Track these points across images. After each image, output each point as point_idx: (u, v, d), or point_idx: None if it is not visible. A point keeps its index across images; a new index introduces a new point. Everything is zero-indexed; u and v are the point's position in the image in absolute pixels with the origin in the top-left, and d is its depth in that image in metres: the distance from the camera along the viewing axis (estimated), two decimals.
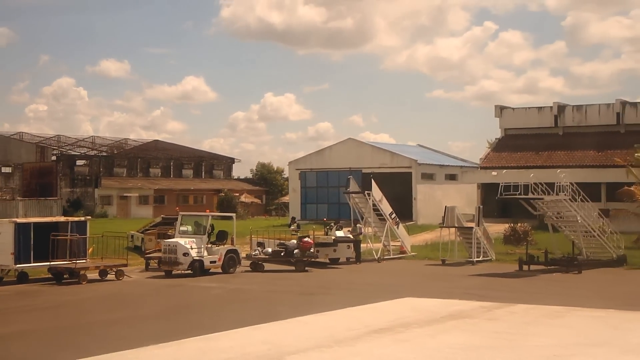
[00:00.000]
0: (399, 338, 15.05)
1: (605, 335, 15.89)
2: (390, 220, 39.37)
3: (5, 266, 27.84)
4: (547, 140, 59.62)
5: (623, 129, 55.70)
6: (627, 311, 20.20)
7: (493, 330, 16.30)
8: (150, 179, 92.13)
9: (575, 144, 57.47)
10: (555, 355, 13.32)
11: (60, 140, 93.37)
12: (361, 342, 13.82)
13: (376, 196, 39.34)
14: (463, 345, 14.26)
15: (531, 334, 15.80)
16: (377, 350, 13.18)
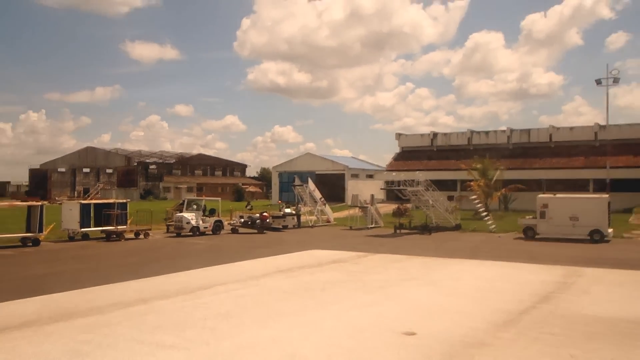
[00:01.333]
0: (290, 275, 17.65)
1: (420, 273, 18.48)
2: (319, 202, 43.17)
3: (74, 230, 29.81)
4: (426, 154, 64.83)
5: (472, 147, 61.49)
6: (443, 258, 22.77)
7: (352, 270, 19.00)
8: (194, 177, 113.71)
9: (442, 157, 62.52)
10: (380, 286, 15.80)
11: (141, 153, 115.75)
12: (265, 278, 16.95)
13: (311, 187, 43.14)
14: (326, 279, 16.75)
15: (374, 273, 18.41)
16: (271, 283, 16.24)
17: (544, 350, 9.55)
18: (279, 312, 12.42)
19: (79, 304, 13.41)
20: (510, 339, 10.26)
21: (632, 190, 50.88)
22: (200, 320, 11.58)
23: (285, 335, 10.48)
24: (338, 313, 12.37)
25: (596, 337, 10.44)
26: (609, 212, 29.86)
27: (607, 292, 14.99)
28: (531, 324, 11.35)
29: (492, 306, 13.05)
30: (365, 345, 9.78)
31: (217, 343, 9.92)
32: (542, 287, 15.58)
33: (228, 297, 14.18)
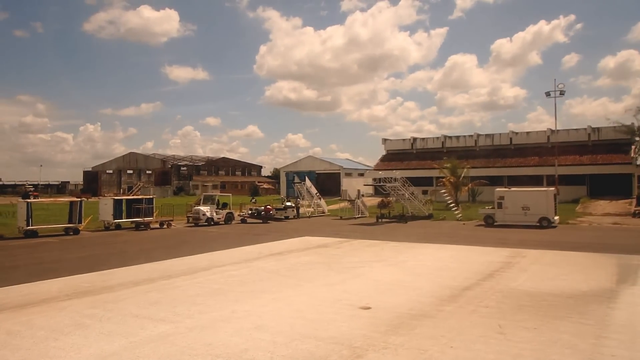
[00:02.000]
0: (279, 258, 17.11)
1: (389, 255, 17.90)
2: (315, 197, 42.85)
3: (108, 221, 29.61)
4: (407, 156, 63.94)
5: (445, 150, 60.43)
6: (412, 242, 22.17)
7: (332, 253, 18.41)
8: (218, 176, 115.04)
9: (421, 158, 61.52)
10: (352, 266, 15.25)
11: (174, 157, 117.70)
12: (257, 260, 16.52)
13: (308, 184, 42.95)
14: (309, 261, 16.33)
15: (351, 255, 17.81)
16: (262, 264, 15.76)
17: (477, 321, 9.22)
18: (260, 289, 12.13)
19: (95, 283, 13.19)
20: (450, 312, 9.92)
21: (578, 184, 50.27)
22: (192, 297, 11.33)
23: (259, 309, 10.17)
24: (310, 290, 12.07)
25: (525, 309, 10.09)
26: (555, 203, 29.38)
27: (542, 271, 14.58)
28: (471, 299, 11.00)
29: (442, 283, 12.70)
30: (325, 317, 9.47)
31: (200, 316, 9.64)
32: (488, 267, 15.19)
33: (222, 277, 13.89)
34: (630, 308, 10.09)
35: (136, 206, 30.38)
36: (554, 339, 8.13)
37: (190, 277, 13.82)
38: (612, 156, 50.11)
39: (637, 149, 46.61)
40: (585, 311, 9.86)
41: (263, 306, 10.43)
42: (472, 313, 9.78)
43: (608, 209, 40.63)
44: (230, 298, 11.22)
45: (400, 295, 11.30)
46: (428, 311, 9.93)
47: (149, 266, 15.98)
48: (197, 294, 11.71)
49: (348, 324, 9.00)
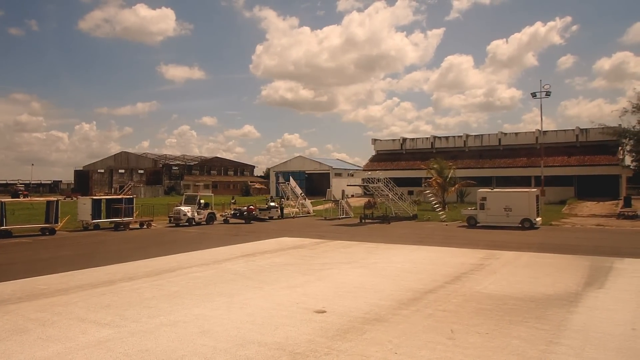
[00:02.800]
0: (249, 259, 16.72)
1: (361, 257, 17.49)
2: (300, 197, 42.23)
3: (87, 221, 29.06)
4: (396, 156, 63.26)
5: (434, 150, 59.69)
6: (389, 243, 21.68)
7: (305, 255, 17.96)
8: (210, 176, 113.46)
9: (410, 158, 60.69)
10: (320, 268, 14.94)
11: (166, 157, 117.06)
12: (226, 262, 16.15)
13: (292, 184, 42.29)
14: (278, 263, 15.97)
15: (322, 257, 17.41)
16: (230, 266, 15.37)
17: (431, 325, 9.00)
18: (219, 292, 11.85)
19: (52, 285, 12.87)
20: (406, 315, 9.69)
21: (566, 185, 50.28)
22: (147, 300, 11.04)
23: (211, 313, 9.91)
24: (269, 293, 11.79)
25: (483, 313, 9.89)
26: (537, 204, 29.24)
27: (512, 273, 14.38)
28: (432, 302, 10.77)
29: (406, 286, 12.46)
30: (275, 322, 9.22)
31: (147, 320, 9.36)
32: (459, 269, 14.98)
33: (184, 279, 13.58)
34: (589, 312, 9.90)
35: (115, 206, 30.01)
36: (503, 344, 7.92)
37: (152, 279, 13.51)
38: (599, 157, 50.12)
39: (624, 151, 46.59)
40: (543, 315, 9.66)
41: (215, 310, 10.16)
42: (428, 317, 9.55)
43: (594, 210, 40.57)
44: (185, 301, 10.93)
45: (360, 299, 11.05)
46: (383, 315, 9.69)
47: (114, 267, 15.64)
48: (153, 296, 11.42)
49: (297, 329, 8.75)
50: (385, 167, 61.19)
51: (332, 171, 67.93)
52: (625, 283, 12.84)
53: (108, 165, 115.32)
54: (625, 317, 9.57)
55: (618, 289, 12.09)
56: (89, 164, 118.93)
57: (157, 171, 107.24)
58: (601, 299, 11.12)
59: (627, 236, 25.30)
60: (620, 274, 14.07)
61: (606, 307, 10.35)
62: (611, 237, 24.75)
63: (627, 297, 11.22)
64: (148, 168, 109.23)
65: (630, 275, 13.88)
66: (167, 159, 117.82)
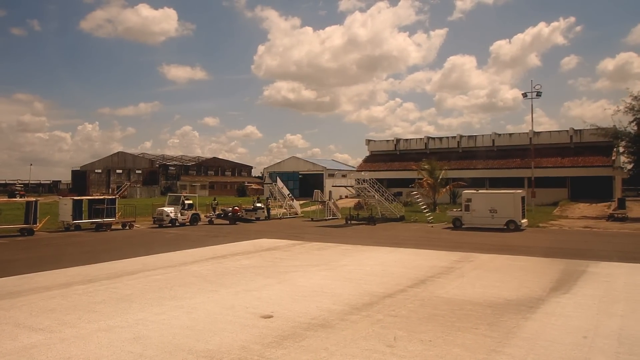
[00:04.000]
0: (217, 261, 16.39)
1: (332, 259, 17.06)
2: (287, 198, 41.53)
3: (67, 221, 28.74)
4: (390, 157, 62.34)
5: (428, 151, 59.01)
6: (367, 245, 21.25)
7: (276, 257, 17.51)
8: (207, 176, 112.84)
9: (404, 159, 59.54)
10: (285, 271, 14.54)
11: (164, 157, 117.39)
12: (193, 264, 15.84)
13: (279, 185, 41.51)
14: (246, 265, 15.62)
15: (293, 259, 16.99)
16: (194, 268, 15.02)
17: (375, 332, 8.69)
18: (172, 296, 11.55)
19: (5, 287, 12.61)
20: (354, 321, 9.38)
21: (559, 186, 49.87)
22: (94, 304, 10.75)
23: (153, 317, 9.62)
24: (223, 296, 11.49)
25: (435, 318, 9.57)
26: (522, 205, 28.88)
27: (480, 277, 14.05)
28: (386, 307, 10.46)
29: (367, 290, 12.15)
30: (215, 327, 8.92)
31: (84, 326, 9.08)
32: (428, 272, 14.66)
33: (143, 282, 13.28)
34: (545, 319, 9.58)
35: (97, 207, 29.69)
36: (443, 353, 7.61)
37: (109, 282, 13.23)
38: (593, 158, 49.67)
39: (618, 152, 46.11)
40: (496, 322, 9.35)
41: (160, 314, 9.87)
42: (375, 323, 9.25)
43: (586, 212, 40.19)
44: (133, 305, 10.64)
45: (313, 303, 10.75)
46: (331, 320, 9.39)
47: (77, 270, 15.35)
48: (102, 300, 11.14)
49: (235, 335, 8.46)
50: (379, 167, 60.94)
51: (326, 172, 67.50)
52: (593, 288, 12.50)
53: (105, 165, 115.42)
54: (581, 324, 9.25)
55: (583, 295, 11.75)
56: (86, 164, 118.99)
57: (153, 171, 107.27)
58: (563, 304, 10.79)
59: (612, 238, 24.94)
60: (591, 279, 13.74)
61: (565, 313, 10.02)
62: (596, 240, 24.38)
63: (590, 303, 10.88)
64: (145, 168, 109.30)
65: (601, 280, 13.54)
66: (164, 159, 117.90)
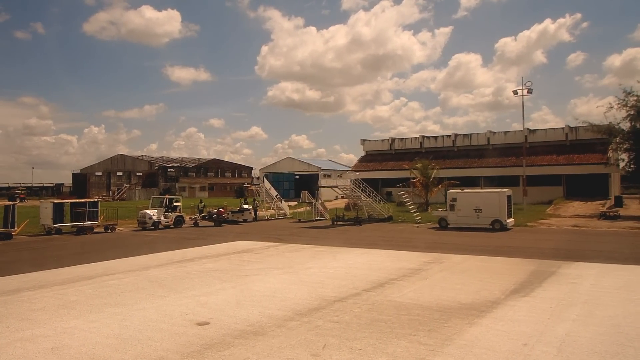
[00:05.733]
0: (182, 265, 16.14)
1: (300, 262, 16.64)
2: (275, 199, 41.05)
3: (48, 225, 28.53)
4: (385, 157, 61.88)
5: (423, 150, 58.69)
6: (342, 247, 20.92)
7: (244, 259, 17.08)
8: (207, 178, 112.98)
9: (399, 158, 58.92)
10: (246, 274, 14.19)
11: (163, 159, 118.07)
12: (155, 268, 15.59)
13: (266, 186, 41.15)
14: (208, 269, 15.26)
15: (260, 262, 16.57)
16: (155, 273, 14.78)
17: (307, 339, 8.33)
18: (116, 302, 11.24)
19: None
20: (291, 328, 9.03)
21: (555, 184, 49.26)
22: (32, 312, 10.49)
23: (85, 326, 9.31)
24: (168, 302, 11.17)
25: (376, 324, 9.20)
26: (508, 205, 28.35)
27: (444, 279, 13.65)
28: (331, 312, 10.11)
29: (320, 294, 11.78)
30: (144, 335, 8.61)
31: (8, 335, 8.82)
32: (391, 274, 14.26)
33: (94, 287, 12.97)
34: (491, 324, 9.18)
35: (77, 210, 29.40)
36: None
37: (60, 288, 12.95)
38: (589, 156, 48.95)
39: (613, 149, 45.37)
40: (438, 328, 8.96)
41: (93, 322, 9.56)
42: (312, 330, 8.89)
43: (579, 210, 39.58)
44: (72, 312, 10.36)
45: (258, 309, 10.40)
46: (267, 327, 9.05)
47: (34, 275, 15.10)
48: (43, 307, 10.85)
49: (159, 344, 8.14)
50: (374, 167, 60.54)
51: (321, 172, 67.11)
52: (556, 291, 12.06)
53: (106, 168, 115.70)
54: (527, 329, 8.83)
55: (543, 297, 11.34)
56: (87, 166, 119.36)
57: (152, 174, 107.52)
58: (517, 308, 10.38)
59: (597, 237, 24.41)
60: (557, 280, 13.31)
61: (515, 318, 9.61)
62: (580, 239, 23.85)
63: (546, 307, 10.46)
64: (144, 171, 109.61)
65: (567, 282, 13.10)
66: (164, 161, 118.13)
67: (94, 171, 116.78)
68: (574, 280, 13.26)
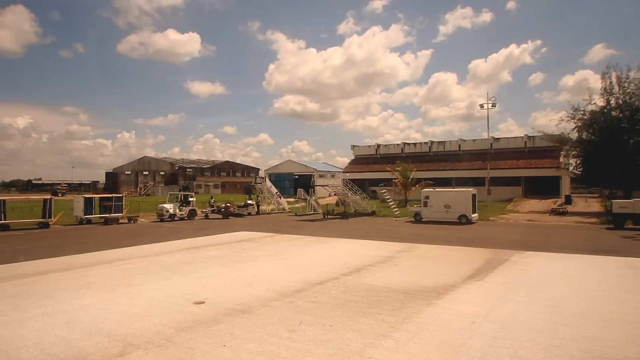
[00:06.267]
0: (189, 252, 15.83)
1: (291, 249, 16.44)
2: (275, 196, 40.64)
3: (80, 216, 28.28)
4: (371, 160, 61.23)
5: (404, 155, 57.79)
6: (329, 237, 20.31)
7: (244, 247, 16.77)
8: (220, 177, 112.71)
9: (383, 162, 57.46)
10: (242, 261, 13.86)
11: (183, 160, 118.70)
12: (166, 254, 15.32)
13: (268, 184, 40.75)
14: (211, 255, 15.01)
15: (257, 249, 16.27)
16: (165, 258, 14.48)
17: (287, 317, 8.24)
18: (128, 283, 11.10)
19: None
20: (274, 307, 8.94)
21: (515, 185, 49.25)
22: (55, 290, 10.34)
23: (99, 303, 9.21)
24: (172, 284, 11.04)
25: (349, 304, 9.11)
26: (473, 202, 28.28)
27: (412, 265, 13.56)
28: (311, 294, 10.00)
29: (304, 278, 11.67)
30: (147, 312, 8.52)
31: (32, 310, 8.73)
32: (368, 261, 14.14)
33: (111, 270, 12.83)
34: (447, 304, 9.11)
35: (105, 204, 29.18)
36: (334, 337, 7.15)
37: (83, 270, 12.79)
38: (544, 161, 48.90)
39: (564, 155, 45.39)
40: (401, 307, 8.88)
41: (105, 300, 9.48)
42: (293, 309, 8.80)
43: (534, 207, 39.52)
44: (89, 292, 10.21)
45: (249, 290, 10.30)
46: (254, 306, 8.95)
47: (63, 259, 14.89)
48: (65, 287, 10.72)
49: (159, 320, 8.06)
50: (362, 169, 60.30)
51: (316, 173, 66.75)
52: (506, 276, 12.00)
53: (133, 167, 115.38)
54: (478, 309, 8.76)
55: (494, 282, 11.26)
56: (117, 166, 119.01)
57: (174, 173, 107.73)
58: (471, 291, 10.32)
59: (546, 230, 24.36)
60: (508, 267, 13.23)
61: (468, 299, 9.55)
62: (532, 231, 23.81)
63: (495, 290, 10.39)
64: (167, 170, 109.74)
65: (517, 268, 13.03)
66: (183, 162, 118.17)
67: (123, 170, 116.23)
68: (522, 267, 13.20)
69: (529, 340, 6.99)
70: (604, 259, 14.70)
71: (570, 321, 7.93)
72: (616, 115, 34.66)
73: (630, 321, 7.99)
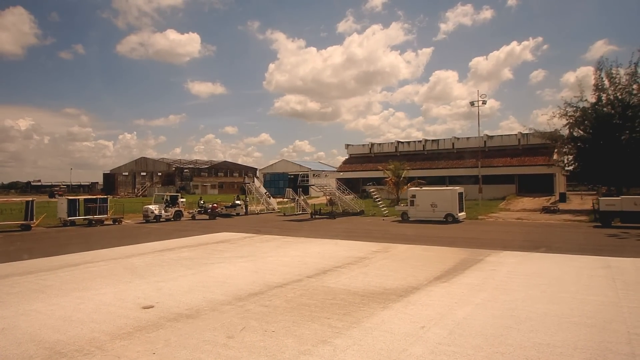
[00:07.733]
0: (161, 253, 15.59)
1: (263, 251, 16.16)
2: (264, 196, 40.31)
3: (64, 218, 28.13)
4: (365, 159, 60.99)
5: (398, 154, 57.52)
6: (307, 237, 20.32)
7: (217, 249, 16.57)
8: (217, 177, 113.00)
9: (377, 161, 57.33)
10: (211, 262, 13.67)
11: (180, 161, 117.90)
12: (137, 256, 15.04)
13: (257, 184, 40.62)
14: (181, 257, 14.78)
15: (230, 251, 16.13)
16: (135, 260, 14.35)
17: (232, 322, 7.97)
18: (84, 287, 10.85)
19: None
20: (223, 312, 8.68)
21: (509, 183, 48.87)
22: (7, 295, 10.14)
23: (44, 308, 8.97)
24: (128, 288, 10.77)
25: (300, 308, 8.82)
26: (460, 200, 27.97)
27: (382, 267, 13.26)
28: (267, 297, 9.73)
29: (265, 280, 11.40)
30: (90, 318, 8.27)
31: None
32: (338, 262, 13.86)
33: (74, 273, 12.59)
34: (402, 308, 8.82)
35: (89, 205, 28.95)
36: (272, 344, 6.88)
37: (45, 274, 12.58)
38: (537, 158, 48.56)
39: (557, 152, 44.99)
40: (353, 311, 8.60)
41: (52, 305, 9.23)
42: (241, 313, 8.54)
43: (526, 205, 39.20)
44: (41, 296, 9.99)
45: (204, 294, 10.04)
46: (202, 311, 8.69)
47: (29, 262, 14.71)
48: (19, 291, 10.53)
49: (98, 326, 7.80)
50: (356, 168, 60.04)
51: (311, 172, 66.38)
52: (475, 277, 11.70)
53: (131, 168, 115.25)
54: (431, 313, 8.47)
55: (460, 283, 10.97)
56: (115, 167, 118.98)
57: (170, 174, 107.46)
58: (433, 293, 10.02)
59: (533, 229, 24.03)
60: (480, 268, 12.93)
61: (426, 302, 9.25)
62: (518, 230, 23.49)
63: (458, 292, 10.10)
64: (164, 171, 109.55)
65: (488, 269, 12.73)
66: (180, 163, 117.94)
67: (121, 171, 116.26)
68: (494, 268, 12.89)
69: (475, 347, 6.69)
70: (582, 258, 14.38)
71: (524, 326, 7.64)
72: (608, 111, 34.26)
73: (586, 325, 7.69)
